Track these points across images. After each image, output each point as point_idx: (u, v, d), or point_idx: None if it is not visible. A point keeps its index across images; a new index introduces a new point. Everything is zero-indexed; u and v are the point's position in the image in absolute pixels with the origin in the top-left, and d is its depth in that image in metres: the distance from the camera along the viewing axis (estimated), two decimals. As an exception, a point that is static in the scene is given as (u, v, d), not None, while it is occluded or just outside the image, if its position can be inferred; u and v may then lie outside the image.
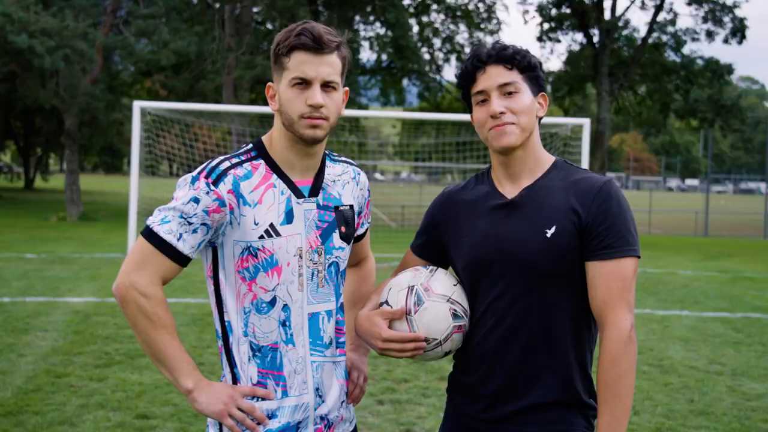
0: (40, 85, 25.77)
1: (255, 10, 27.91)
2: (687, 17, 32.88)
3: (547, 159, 2.61)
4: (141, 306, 2.35)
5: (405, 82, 34.93)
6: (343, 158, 2.69)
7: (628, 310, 2.41)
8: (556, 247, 2.45)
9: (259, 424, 2.43)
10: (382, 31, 31.76)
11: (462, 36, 32.82)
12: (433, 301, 2.52)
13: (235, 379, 2.49)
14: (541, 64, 2.62)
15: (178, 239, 2.36)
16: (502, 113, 2.48)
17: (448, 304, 2.53)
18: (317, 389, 2.53)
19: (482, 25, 32.48)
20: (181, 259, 2.39)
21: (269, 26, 29.39)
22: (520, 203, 2.53)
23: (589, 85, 34.20)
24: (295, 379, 2.48)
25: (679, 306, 12.25)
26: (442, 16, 32.46)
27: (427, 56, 32.96)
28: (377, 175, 55.87)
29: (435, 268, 2.64)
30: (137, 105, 14.48)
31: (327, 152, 2.63)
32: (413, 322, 2.50)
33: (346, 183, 2.64)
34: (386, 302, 2.57)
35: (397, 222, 26.94)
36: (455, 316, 2.53)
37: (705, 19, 30.95)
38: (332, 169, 2.61)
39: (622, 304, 2.40)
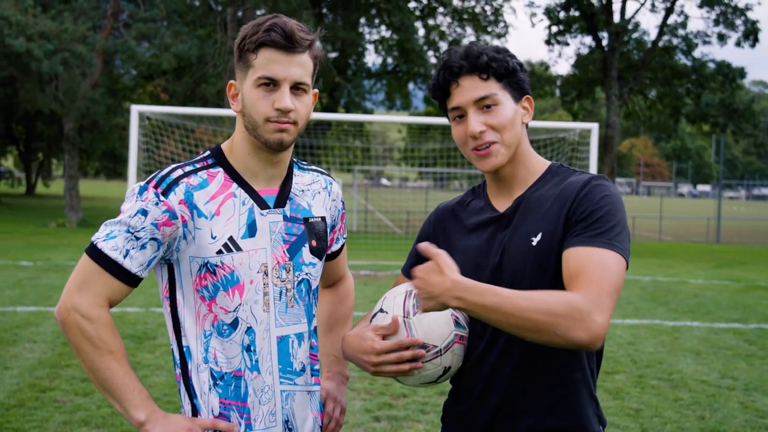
0: (39, 90, 25.55)
1: (258, 12, 27.61)
2: (698, 20, 32.65)
3: (540, 165, 2.42)
4: (83, 330, 2.16)
5: (411, 86, 34.65)
6: (314, 167, 2.51)
7: (599, 294, 2.03)
8: (542, 255, 2.23)
9: None
10: (387, 34, 31.47)
11: (469, 39, 32.47)
12: None
13: (195, 411, 2.28)
14: (522, 65, 2.38)
15: (125, 256, 2.17)
16: (482, 132, 2.29)
17: (450, 310, 2.29)
18: (287, 422, 2.33)
19: (489, 29, 32.19)
20: (129, 279, 2.20)
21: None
22: (510, 216, 2.35)
23: (598, 89, 33.81)
24: (261, 411, 2.28)
25: (690, 317, 11.92)
26: (448, 19, 32.24)
27: (433, 60, 32.71)
28: (383, 181, 55.68)
29: None
30: (135, 109, 14.35)
31: (295, 160, 2.45)
32: (411, 324, 2.25)
33: (316, 193, 2.45)
34: (381, 310, 2.34)
35: (402, 229, 26.63)
36: (457, 323, 2.31)
37: (717, 22, 30.57)
38: (301, 178, 2.43)
39: (592, 287, 2.03)
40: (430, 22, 32.24)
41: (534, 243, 2.24)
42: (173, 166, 2.27)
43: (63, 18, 24.43)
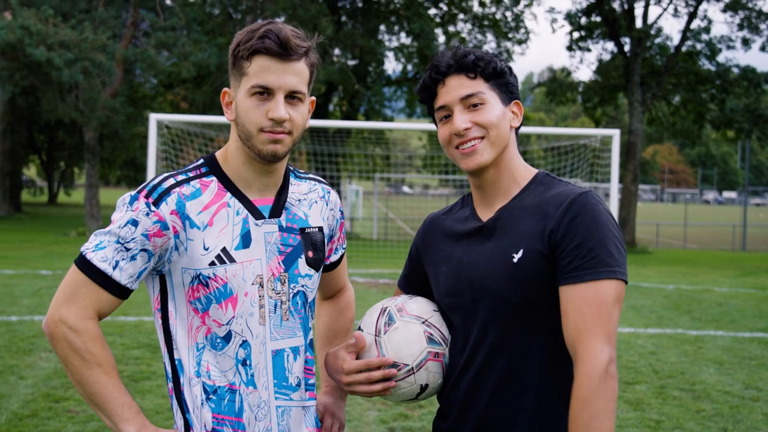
0: (60, 99, 25.66)
1: (277, 20, 27.59)
2: (722, 24, 32.29)
3: (526, 174, 2.35)
4: (71, 343, 2.10)
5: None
6: (311, 175, 2.47)
7: (605, 341, 2.07)
8: (523, 273, 2.18)
9: None
10: (407, 41, 31.35)
11: (489, 46, 32.29)
12: (405, 321, 2.27)
13: (188, 426, 2.22)
14: (510, 69, 2.36)
15: (114, 267, 2.12)
16: (467, 129, 2.25)
17: (423, 326, 2.28)
18: None
19: (510, 35, 31.97)
20: (118, 291, 2.15)
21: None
22: (492, 227, 2.29)
23: (620, 96, 33.50)
24: (257, 427, 2.23)
25: (714, 326, 11.71)
26: (468, 26, 32.01)
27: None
28: (405, 189, 55.60)
29: (417, 295, 2.43)
30: (153, 117, 14.39)
31: (292, 168, 2.41)
32: (382, 343, 2.25)
33: (313, 202, 2.40)
34: (359, 327, 2.35)
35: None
36: (431, 340, 2.27)
37: (741, 27, 30.15)
38: (297, 187, 2.38)
39: (597, 333, 2.07)
40: (451, 28, 32.08)
41: (515, 260, 2.19)
42: (165, 174, 2.21)
43: (83, 27, 24.53)
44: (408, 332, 2.25)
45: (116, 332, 9.63)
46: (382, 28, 31.26)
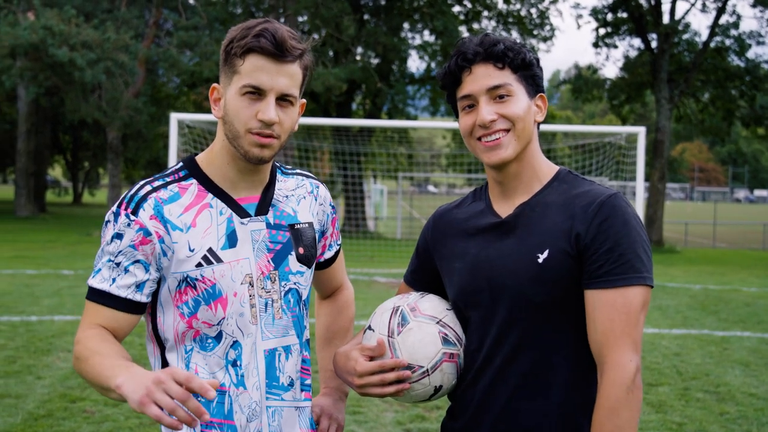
0: (83, 99, 25.78)
1: (300, 19, 27.53)
2: (751, 20, 31.61)
3: (548, 170, 2.29)
4: (75, 355, 2.08)
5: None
6: (298, 170, 2.42)
7: (633, 350, 2.05)
8: (550, 274, 2.13)
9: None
10: (430, 38, 31.16)
11: (514, 43, 31.95)
12: (419, 321, 2.21)
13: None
14: (538, 60, 2.29)
15: (111, 284, 2.11)
16: (492, 121, 2.18)
17: (438, 327, 2.21)
18: None
19: (535, 32, 31.67)
20: (120, 304, 2.12)
21: (315, 36, 29.06)
22: (512, 224, 2.23)
23: (648, 93, 33.09)
24: (248, 428, 2.19)
25: (741, 326, 11.48)
26: (493, 23, 31.74)
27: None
28: (430, 188, 55.45)
29: (427, 293, 2.36)
30: (174, 117, 14.37)
31: (278, 164, 2.37)
32: (396, 344, 2.18)
33: (301, 198, 2.36)
34: (369, 327, 2.28)
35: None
36: (446, 341, 2.21)
37: (771, 22, 29.66)
38: (284, 184, 2.34)
39: (625, 342, 2.05)
40: (475, 26, 31.81)
41: (540, 260, 2.14)
42: (142, 182, 2.19)
43: (105, 27, 24.68)
44: (422, 333, 2.20)
45: (136, 332, 9.46)
46: (406, 25, 31.08)
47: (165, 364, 2.19)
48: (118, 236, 2.10)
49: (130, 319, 2.14)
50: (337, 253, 2.54)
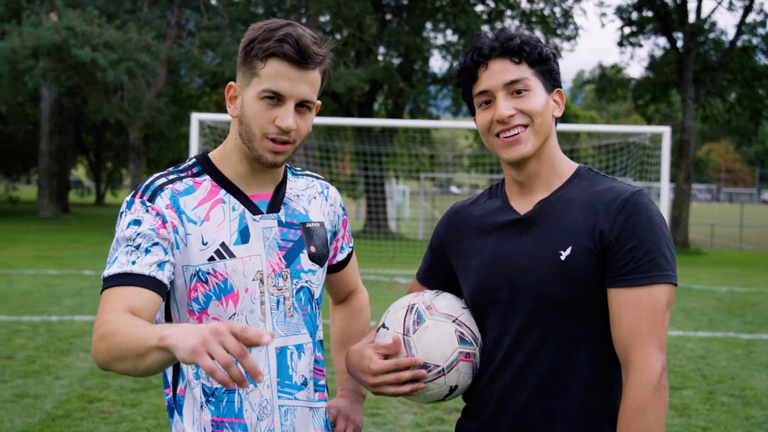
0: (105, 100, 25.88)
1: (321, 19, 27.48)
2: (779, 18, 31.12)
3: (568, 167, 2.27)
4: (102, 336, 1.87)
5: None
6: (307, 172, 2.42)
7: (659, 349, 2.03)
8: (572, 271, 2.10)
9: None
10: (453, 38, 31.02)
11: (537, 43, 31.78)
12: (435, 319, 2.18)
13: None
14: (555, 55, 2.27)
15: (132, 265, 2.00)
16: (511, 116, 2.15)
17: (454, 325, 2.18)
18: None
19: (559, 31, 31.47)
20: (144, 281, 1.99)
21: (337, 36, 29.04)
22: (531, 220, 2.20)
23: (673, 92, 32.76)
24: (259, 426, 2.15)
25: (767, 329, 11.28)
26: (516, 22, 31.56)
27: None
28: (452, 188, 55.29)
29: (442, 291, 2.32)
30: (195, 117, 14.45)
31: (288, 165, 2.37)
32: (411, 343, 2.16)
33: (312, 198, 2.35)
34: (383, 325, 2.25)
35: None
36: (462, 340, 2.18)
37: (799, 20, 29.26)
38: (294, 183, 2.34)
39: (651, 341, 2.02)
40: (498, 25, 31.65)
41: (563, 258, 2.11)
42: (156, 175, 2.19)
43: (128, 27, 24.81)
44: (439, 332, 2.17)
45: None
46: (428, 25, 31.01)
47: (176, 367, 2.17)
48: (136, 222, 2.06)
49: (155, 298, 2.01)
50: (349, 255, 2.52)
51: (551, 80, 2.23)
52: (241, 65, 2.15)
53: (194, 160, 2.24)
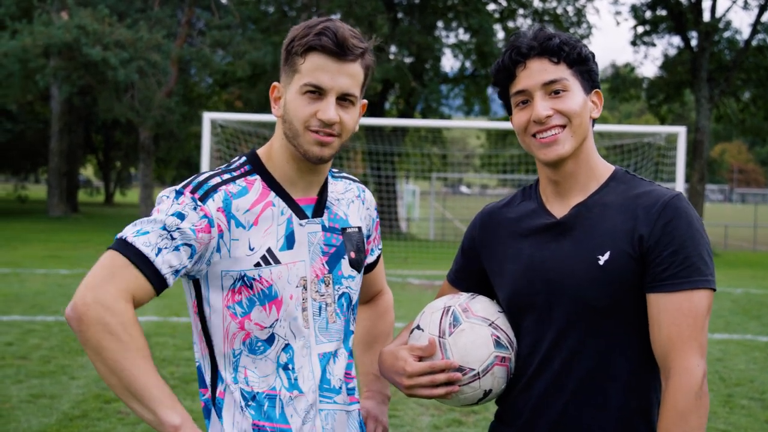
0: (116, 99, 25.86)
1: (333, 17, 27.41)
2: (795, 17, 30.85)
3: (605, 170, 2.25)
4: (106, 324, 1.89)
5: (489, 90, 33.70)
6: (344, 174, 2.43)
7: (700, 354, 2.03)
8: (611, 276, 2.09)
9: None
10: (465, 37, 30.89)
11: (550, 42, 31.63)
12: (472, 322, 2.18)
13: None
14: (593, 55, 2.25)
15: (157, 254, 1.98)
16: (548, 117, 2.14)
17: (490, 329, 2.19)
18: None
19: (571, 30, 31.27)
20: (156, 280, 1.99)
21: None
22: (569, 224, 2.19)
23: (687, 92, 32.53)
24: (302, 431, 2.17)
25: (786, 332, 11.21)
26: (528, 21, 31.43)
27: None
28: (463, 189, 55.13)
29: (477, 294, 2.31)
30: (207, 117, 14.41)
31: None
32: (447, 345, 2.15)
33: (350, 202, 2.36)
34: (418, 326, 2.24)
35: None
36: (498, 344, 2.18)
37: (815, 19, 28.97)
38: (334, 187, 2.33)
39: (693, 346, 2.02)
40: (510, 24, 31.59)
41: (601, 262, 2.10)
42: (210, 173, 2.15)
43: (138, 26, 24.78)
44: (475, 335, 2.17)
45: (168, 333, 9.65)
46: (440, 24, 30.91)
47: (214, 365, 2.16)
48: (180, 215, 2.03)
49: (152, 296, 2.03)
50: (378, 257, 2.55)
51: (590, 81, 2.22)
52: (283, 65, 2.16)
53: (245, 158, 2.22)
